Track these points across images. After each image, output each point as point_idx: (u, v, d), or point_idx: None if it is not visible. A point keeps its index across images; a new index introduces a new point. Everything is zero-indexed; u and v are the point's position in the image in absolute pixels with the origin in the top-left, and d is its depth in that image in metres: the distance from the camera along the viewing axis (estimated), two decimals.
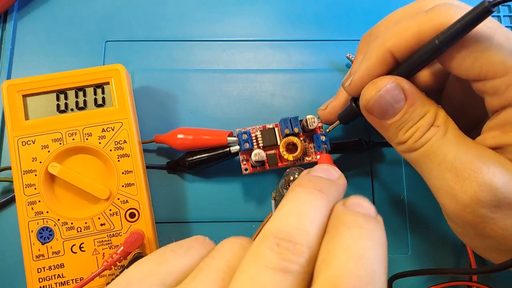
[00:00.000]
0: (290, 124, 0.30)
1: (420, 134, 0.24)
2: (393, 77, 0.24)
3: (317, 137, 0.30)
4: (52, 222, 0.29)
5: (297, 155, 0.30)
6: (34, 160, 0.29)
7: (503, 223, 0.22)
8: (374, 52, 0.24)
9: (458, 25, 0.21)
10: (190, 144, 0.31)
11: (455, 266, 0.32)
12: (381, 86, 0.23)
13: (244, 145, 0.30)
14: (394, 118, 0.24)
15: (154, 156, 0.34)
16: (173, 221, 0.32)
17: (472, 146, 0.23)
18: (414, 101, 0.23)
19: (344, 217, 0.16)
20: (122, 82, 0.30)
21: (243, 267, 0.16)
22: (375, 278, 0.14)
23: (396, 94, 0.23)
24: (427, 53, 0.22)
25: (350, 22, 0.37)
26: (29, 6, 0.37)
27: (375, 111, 0.24)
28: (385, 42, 0.23)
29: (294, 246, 0.15)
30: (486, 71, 0.22)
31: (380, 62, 0.24)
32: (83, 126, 0.30)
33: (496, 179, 0.21)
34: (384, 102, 0.24)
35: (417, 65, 0.23)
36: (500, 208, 0.21)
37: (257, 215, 0.33)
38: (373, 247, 0.15)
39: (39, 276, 0.28)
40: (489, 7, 0.20)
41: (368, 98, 0.24)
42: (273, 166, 0.30)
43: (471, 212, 0.22)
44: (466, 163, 0.22)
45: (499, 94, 0.22)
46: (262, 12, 0.37)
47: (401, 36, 0.23)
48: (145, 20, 0.36)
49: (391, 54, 0.23)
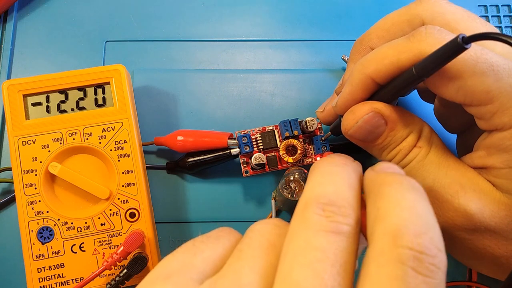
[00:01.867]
0: (290, 126, 0.31)
1: (401, 156, 0.24)
2: (372, 105, 0.24)
3: (316, 139, 0.31)
4: (52, 222, 0.29)
5: (297, 157, 0.30)
6: (34, 160, 0.29)
7: (481, 243, 0.23)
8: (355, 77, 0.24)
9: (433, 57, 0.21)
10: (190, 146, 0.32)
11: (454, 267, 0.32)
12: (359, 117, 0.24)
13: (244, 148, 0.30)
14: (376, 142, 0.25)
15: (154, 157, 0.34)
16: (173, 221, 0.33)
17: (453, 168, 0.23)
18: (394, 126, 0.24)
19: (382, 179, 0.17)
20: (123, 82, 0.31)
21: (292, 234, 0.16)
22: (430, 223, 0.15)
23: (376, 121, 0.24)
24: (406, 81, 0.23)
25: (350, 22, 0.38)
26: (29, 6, 0.37)
27: (356, 137, 0.25)
28: (365, 68, 0.24)
29: (339, 209, 0.16)
30: (470, 99, 0.22)
31: (362, 88, 0.24)
32: (83, 126, 0.30)
33: (473, 205, 0.22)
34: (364, 131, 0.24)
35: (397, 91, 0.23)
36: (476, 231, 0.22)
37: (257, 215, 0.33)
38: (420, 197, 0.16)
39: (39, 276, 0.29)
40: (461, 44, 0.19)
41: (347, 127, 0.25)
42: (273, 168, 0.31)
43: (447, 234, 0.23)
44: (445, 187, 0.23)
45: (486, 120, 0.22)
46: (262, 12, 0.38)
47: (381, 63, 0.23)
48: (145, 20, 0.37)
49: (372, 80, 0.24)
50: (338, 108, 0.26)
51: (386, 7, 0.38)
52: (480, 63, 0.21)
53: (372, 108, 0.24)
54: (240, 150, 0.31)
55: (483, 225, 0.22)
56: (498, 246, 0.22)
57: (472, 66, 0.21)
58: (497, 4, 0.39)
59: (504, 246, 0.22)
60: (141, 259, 0.28)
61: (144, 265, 0.28)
